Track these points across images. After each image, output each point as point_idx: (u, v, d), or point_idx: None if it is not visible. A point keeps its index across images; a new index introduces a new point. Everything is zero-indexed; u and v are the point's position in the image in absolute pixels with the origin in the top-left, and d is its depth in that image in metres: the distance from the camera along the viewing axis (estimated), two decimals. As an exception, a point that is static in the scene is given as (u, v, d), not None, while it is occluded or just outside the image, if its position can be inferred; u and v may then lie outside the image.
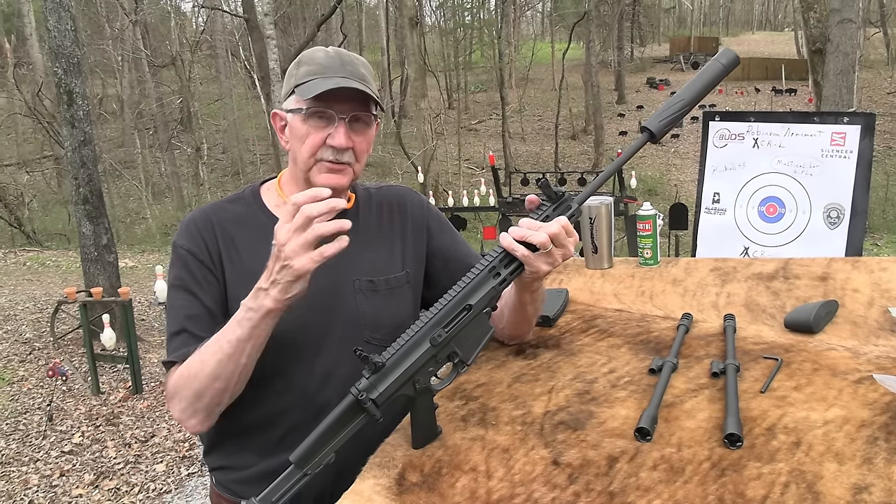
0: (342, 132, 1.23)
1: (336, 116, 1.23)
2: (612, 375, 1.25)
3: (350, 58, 1.28)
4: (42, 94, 16.26)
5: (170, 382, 1.21)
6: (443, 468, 1.02)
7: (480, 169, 20.56)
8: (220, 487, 1.35)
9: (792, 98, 25.29)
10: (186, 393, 1.17)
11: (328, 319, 1.27)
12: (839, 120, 2.39)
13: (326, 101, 1.22)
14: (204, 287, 1.25)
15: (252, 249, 1.28)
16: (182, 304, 1.24)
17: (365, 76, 1.26)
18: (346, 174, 1.27)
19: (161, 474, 4.25)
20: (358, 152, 1.27)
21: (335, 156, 1.24)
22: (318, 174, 1.26)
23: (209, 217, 1.30)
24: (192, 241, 1.27)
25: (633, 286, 1.68)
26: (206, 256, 1.26)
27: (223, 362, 1.13)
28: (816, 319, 1.35)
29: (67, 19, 6.17)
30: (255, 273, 1.16)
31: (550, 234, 1.11)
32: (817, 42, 10.10)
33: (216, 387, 1.15)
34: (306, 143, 1.24)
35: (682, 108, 1.19)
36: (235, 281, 1.26)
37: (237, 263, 1.27)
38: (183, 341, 1.21)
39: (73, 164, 6.32)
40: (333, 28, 21.07)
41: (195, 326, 1.22)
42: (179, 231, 1.30)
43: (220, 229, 1.28)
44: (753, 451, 0.98)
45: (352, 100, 1.23)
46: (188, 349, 1.19)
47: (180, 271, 1.26)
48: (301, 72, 1.25)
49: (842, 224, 2.30)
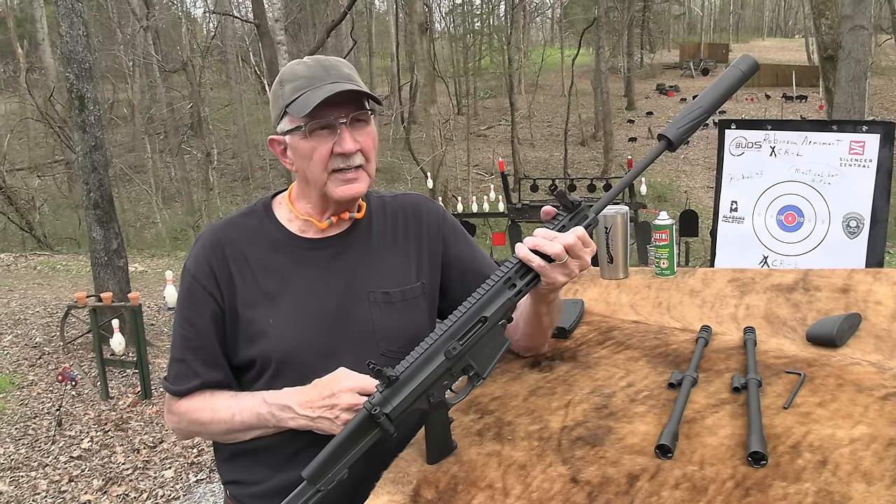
0: (347, 137, 1.21)
1: (336, 123, 1.20)
2: (630, 389, 1.22)
3: (331, 62, 1.25)
4: (54, 99, 16.39)
5: (171, 407, 1.29)
6: (458, 484, 1.00)
7: (490, 175, 20.55)
8: (233, 501, 1.33)
9: (803, 105, 25.19)
10: (183, 426, 1.29)
11: (343, 332, 1.26)
12: (858, 129, 2.36)
13: (323, 112, 1.19)
14: (204, 317, 1.25)
15: (264, 264, 1.27)
16: (185, 333, 1.26)
17: (350, 75, 1.24)
18: (361, 180, 1.25)
19: (169, 480, 4.24)
20: (366, 151, 1.25)
21: (346, 163, 1.22)
22: (335, 188, 1.24)
23: (219, 238, 1.28)
24: (198, 267, 1.26)
25: (650, 297, 1.66)
26: (211, 282, 1.25)
27: (227, 432, 1.25)
28: (839, 333, 1.32)
29: (79, 25, 6.20)
30: (265, 289, 1.23)
31: (566, 244, 1.09)
32: (829, 49, 10.02)
33: (213, 435, 1.29)
34: (315, 160, 1.22)
35: (700, 115, 1.17)
36: (246, 295, 1.25)
37: (249, 279, 1.26)
38: (183, 371, 1.26)
39: (84, 168, 6.34)
40: (343, 34, 21.12)
41: (195, 358, 1.26)
42: (191, 252, 1.30)
43: (230, 248, 1.27)
44: (778, 469, 0.95)
45: (347, 102, 1.21)
46: (188, 385, 1.26)
47: (185, 298, 1.27)
48: (287, 91, 1.22)
49: (861, 233, 2.26)
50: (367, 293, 1.28)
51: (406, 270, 1.34)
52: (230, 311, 1.25)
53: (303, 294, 1.25)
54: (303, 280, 1.26)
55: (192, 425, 1.27)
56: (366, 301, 1.28)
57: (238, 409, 1.22)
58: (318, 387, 1.14)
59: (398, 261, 1.34)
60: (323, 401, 1.12)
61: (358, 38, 21.23)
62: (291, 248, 1.29)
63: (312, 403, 1.13)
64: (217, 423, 1.23)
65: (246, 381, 1.29)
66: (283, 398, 1.17)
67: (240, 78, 25.50)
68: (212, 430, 1.25)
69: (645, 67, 35.27)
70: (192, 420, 1.26)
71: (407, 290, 1.32)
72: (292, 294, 1.24)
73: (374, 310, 1.28)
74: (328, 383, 1.13)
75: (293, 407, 1.15)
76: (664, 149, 1.17)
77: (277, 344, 1.22)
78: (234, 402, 1.23)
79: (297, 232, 1.30)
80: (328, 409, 1.12)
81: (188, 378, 1.25)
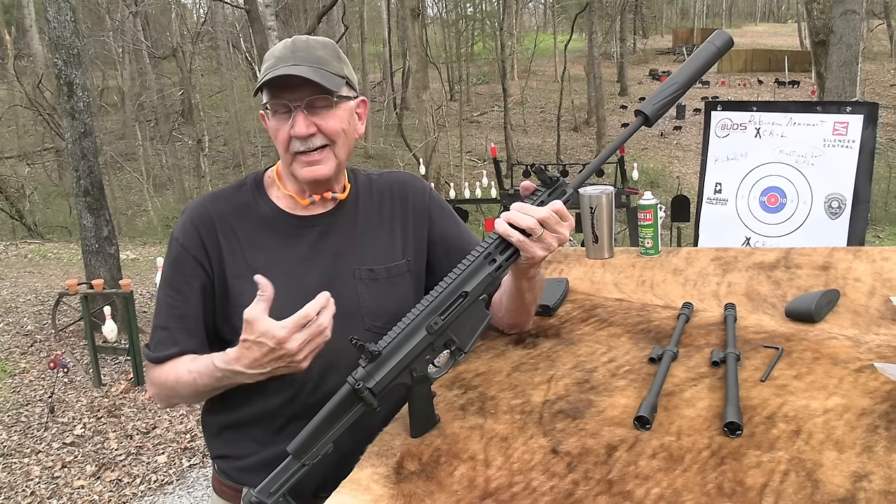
0: (300, 120, 1.21)
1: (291, 106, 1.21)
2: (611, 365, 1.24)
3: (306, 43, 1.24)
4: (42, 86, 16.25)
5: (150, 375, 1.30)
6: (441, 457, 1.02)
7: (482, 161, 20.53)
8: (221, 475, 1.35)
9: (795, 90, 25.22)
10: (160, 391, 1.29)
11: None
12: (842, 110, 2.37)
13: (281, 94, 1.20)
14: (192, 284, 1.25)
15: (254, 239, 1.28)
16: (171, 301, 1.27)
17: (322, 58, 1.23)
18: (325, 162, 1.25)
19: (163, 465, 4.26)
20: (329, 133, 1.24)
21: (305, 145, 1.23)
22: (299, 169, 1.25)
23: (208, 210, 1.28)
24: (186, 235, 1.27)
25: (634, 276, 1.68)
26: (200, 251, 1.26)
27: (196, 395, 1.26)
28: (817, 308, 1.34)
29: (67, 10, 6.14)
30: (252, 264, 1.23)
31: (540, 217, 1.10)
32: (820, 33, 10.03)
33: (187, 399, 1.29)
34: (278, 140, 1.24)
35: (675, 90, 1.19)
36: (235, 270, 1.26)
37: (238, 254, 1.27)
38: (165, 338, 1.27)
39: (74, 155, 6.31)
40: (335, 19, 21.00)
41: (179, 325, 1.26)
42: (179, 223, 1.30)
43: (219, 221, 1.27)
44: (753, 439, 0.97)
45: (305, 85, 1.20)
46: (169, 351, 1.26)
47: (172, 268, 1.27)
48: (263, 68, 1.24)
49: (843, 214, 2.28)
50: (353, 270, 1.29)
51: (391, 248, 1.35)
52: (219, 280, 1.26)
53: (289, 270, 1.26)
54: (290, 257, 1.27)
55: (164, 390, 1.28)
56: (351, 278, 1.29)
57: (197, 373, 1.21)
58: (253, 347, 1.10)
59: (383, 238, 1.35)
60: (269, 355, 1.10)
61: (349, 24, 21.13)
62: (280, 225, 1.29)
63: (259, 361, 1.11)
64: (184, 386, 1.23)
65: None
66: (229, 363, 1.15)
67: (231, 64, 25.31)
68: (182, 392, 1.25)
69: (638, 53, 35.22)
70: (163, 383, 1.26)
71: (392, 268, 1.33)
72: (279, 270, 1.25)
73: (359, 286, 1.29)
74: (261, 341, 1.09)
75: (243, 371, 1.13)
76: (641, 124, 1.19)
77: None
78: (193, 365, 1.22)
79: (286, 209, 1.31)
80: (278, 359, 1.10)
81: (168, 345, 1.26)
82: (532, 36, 34.49)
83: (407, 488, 0.96)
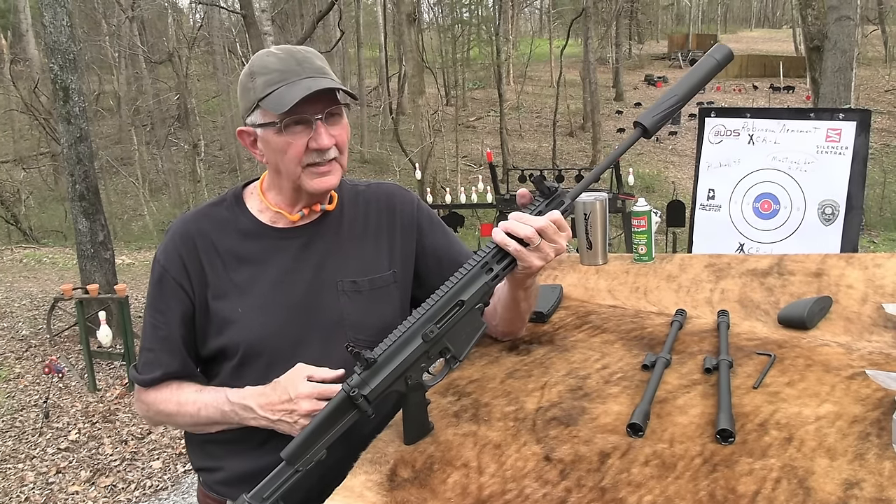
0: (323, 133, 1.19)
1: (312, 119, 1.19)
2: (605, 371, 1.25)
3: (303, 54, 1.22)
4: (38, 91, 16.23)
5: (141, 395, 1.32)
6: (434, 464, 1.02)
7: (478, 166, 20.54)
8: (205, 487, 1.35)
9: (790, 95, 25.30)
10: (152, 415, 1.32)
11: (310, 321, 1.25)
12: (835, 116, 2.38)
13: (298, 108, 1.16)
14: (172, 307, 1.26)
15: (234, 254, 1.27)
16: (154, 322, 1.28)
17: (322, 68, 1.22)
18: (334, 172, 1.25)
19: (157, 471, 4.25)
20: (341, 144, 1.24)
21: (321, 157, 1.22)
22: (309, 181, 1.23)
23: (189, 230, 1.28)
24: (167, 257, 1.26)
25: (628, 282, 1.68)
26: (181, 273, 1.25)
27: (193, 425, 1.28)
28: (810, 315, 1.35)
29: (63, 15, 6.14)
30: (235, 279, 1.24)
31: (537, 227, 1.11)
32: (815, 39, 10.08)
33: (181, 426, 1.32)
34: (289, 154, 1.20)
35: (675, 103, 1.19)
36: (217, 289, 1.25)
37: (218, 269, 1.26)
38: (150, 360, 1.28)
39: (70, 160, 6.30)
40: (331, 24, 21.02)
41: (162, 346, 1.27)
42: (162, 243, 1.30)
43: (200, 240, 1.27)
44: (745, 446, 0.98)
45: (321, 97, 1.19)
46: (154, 374, 1.28)
47: (156, 289, 1.28)
48: (259, 84, 1.19)
49: (836, 220, 2.29)
50: (336, 282, 1.28)
51: (376, 259, 1.33)
52: (200, 302, 1.25)
53: (271, 284, 1.25)
54: (272, 270, 1.26)
55: (158, 415, 1.30)
56: (334, 290, 1.27)
57: (203, 404, 1.23)
58: (277, 389, 1.15)
59: (368, 250, 1.33)
60: (282, 405, 1.13)
61: (346, 29, 21.12)
62: (261, 238, 1.28)
63: (272, 406, 1.14)
64: (183, 416, 1.26)
65: (214, 370, 1.30)
66: (244, 398, 1.18)
67: (227, 69, 25.29)
68: (178, 421, 1.28)
69: (633, 58, 35.29)
70: (159, 411, 1.29)
71: (376, 279, 1.31)
72: (261, 284, 1.25)
73: (342, 298, 1.27)
74: (286, 387, 1.14)
75: (254, 408, 1.16)
76: (639, 136, 1.19)
77: (245, 333, 1.23)
78: (199, 396, 1.25)
79: (268, 222, 1.29)
80: (287, 413, 1.13)
81: (153, 368, 1.27)
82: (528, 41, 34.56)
83: (400, 495, 0.96)
